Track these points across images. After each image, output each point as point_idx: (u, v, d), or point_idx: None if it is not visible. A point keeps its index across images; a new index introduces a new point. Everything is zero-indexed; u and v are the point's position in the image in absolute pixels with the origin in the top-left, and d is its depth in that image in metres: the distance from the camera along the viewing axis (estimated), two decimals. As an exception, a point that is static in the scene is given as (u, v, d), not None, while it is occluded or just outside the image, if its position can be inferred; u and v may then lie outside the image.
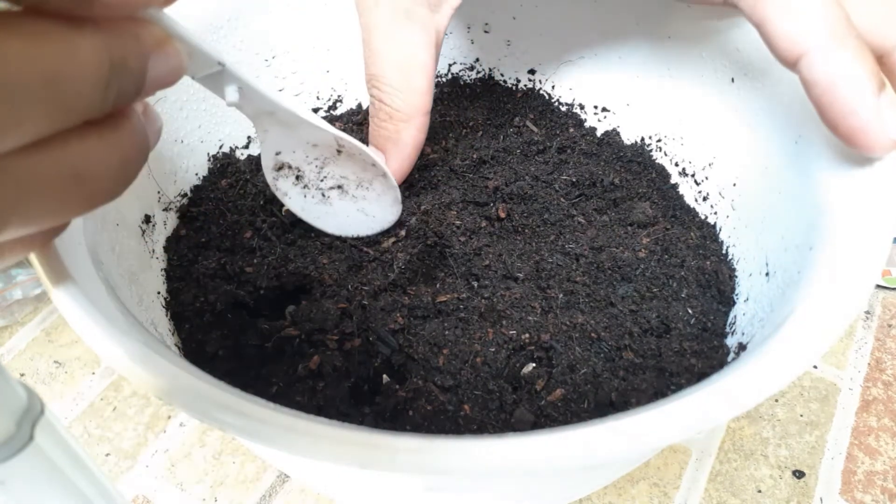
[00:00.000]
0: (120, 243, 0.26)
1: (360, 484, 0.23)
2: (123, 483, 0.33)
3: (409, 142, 0.28)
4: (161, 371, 0.17)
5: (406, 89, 0.27)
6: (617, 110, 0.38)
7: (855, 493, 0.33)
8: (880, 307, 0.41)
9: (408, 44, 0.27)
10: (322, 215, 0.30)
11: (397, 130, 0.28)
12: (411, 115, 0.28)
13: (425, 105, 0.28)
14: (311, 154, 0.27)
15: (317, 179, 0.28)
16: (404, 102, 0.27)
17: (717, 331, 0.28)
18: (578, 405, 0.25)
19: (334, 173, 0.28)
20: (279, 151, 0.27)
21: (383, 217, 0.30)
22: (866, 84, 0.21)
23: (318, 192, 0.29)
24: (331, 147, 0.27)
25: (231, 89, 0.22)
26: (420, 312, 0.27)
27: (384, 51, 0.27)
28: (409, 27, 0.27)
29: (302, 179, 0.28)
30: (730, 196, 0.32)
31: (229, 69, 0.21)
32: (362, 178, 0.29)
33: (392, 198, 0.30)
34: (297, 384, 0.25)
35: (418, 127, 0.28)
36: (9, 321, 0.40)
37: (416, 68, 0.27)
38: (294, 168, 0.28)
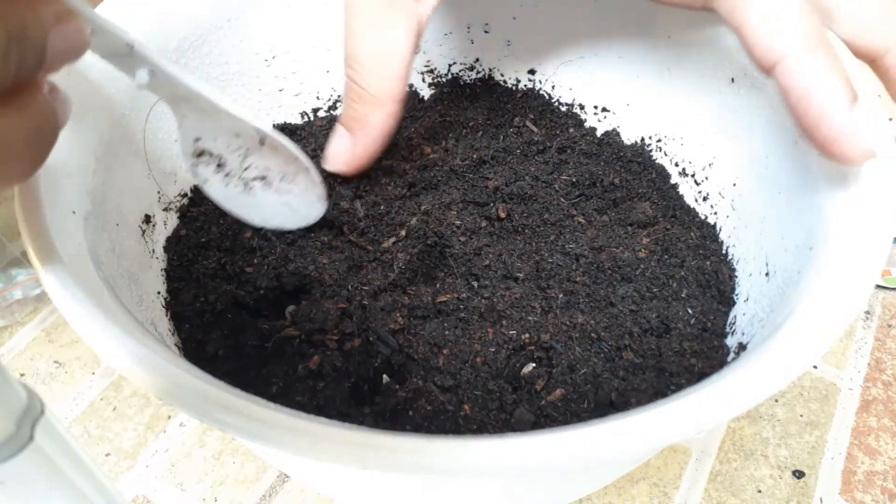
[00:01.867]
0: (120, 243, 0.26)
1: (360, 484, 0.23)
2: (123, 483, 0.33)
3: (377, 126, 0.28)
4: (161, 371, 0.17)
5: (379, 74, 0.27)
6: (617, 110, 0.38)
7: (855, 493, 0.33)
8: (880, 307, 0.41)
9: (387, 29, 0.27)
10: (245, 206, 0.29)
11: (366, 113, 0.28)
12: (382, 99, 0.28)
13: (398, 92, 0.28)
14: (233, 143, 0.27)
15: (239, 169, 0.27)
16: (377, 86, 0.27)
17: (717, 331, 0.28)
18: (578, 405, 0.25)
19: (258, 164, 0.28)
20: (199, 137, 0.26)
21: (307, 213, 0.30)
22: (841, 93, 0.21)
23: (241, 182, 0.28)
24: (253, 138, 0.26)
25: (142, 72, 0.21)
26: (420, 312, 0.27)
27: (362, 33, 0.27)
28: (391, 13, 0.27)
29: (224, 168, 0.27)
30: (730, 196, 0.32)
31: (139, 51, 0.20)
32: (286, 171, 0.28)
33: (316, 195, 0.29)
34: (297, 384, 0.25)
35: (388, 113, 0.28)
36: (9, 321, 0.40)
37: (393, 55, 0.27)
38: (216, 156, 0.27)
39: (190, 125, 0.25)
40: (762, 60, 0.22)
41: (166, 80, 0.22)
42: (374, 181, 0.33)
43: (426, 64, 0.40)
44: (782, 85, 0.22)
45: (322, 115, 0.39)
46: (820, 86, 0.21)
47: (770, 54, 0.22)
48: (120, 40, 0.19)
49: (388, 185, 0.32)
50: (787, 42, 0.21)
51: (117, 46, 0.20)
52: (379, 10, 0.27)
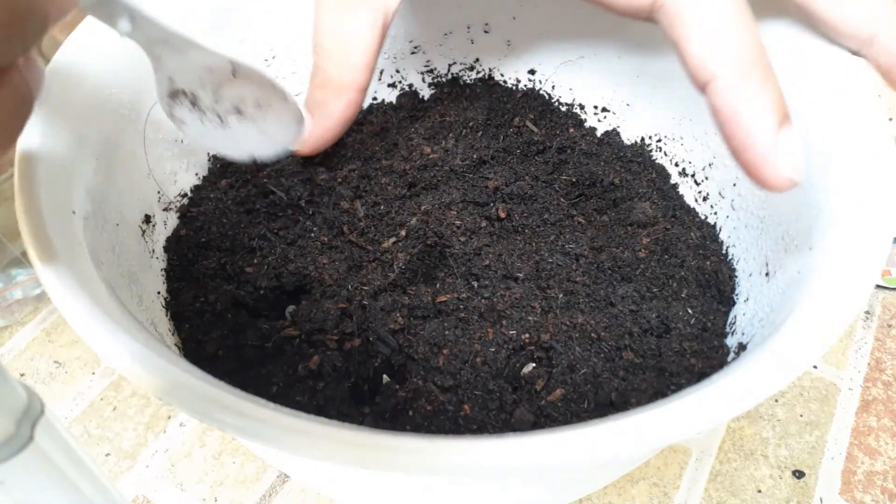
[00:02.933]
0: (120, 243, 0.26)
1: (360, 484, 0.23)
2: (123, 483, 0.33)
3: (337, 113, 0.29)
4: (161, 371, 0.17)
5: (343, 63, 0.28)
6: (617, 110, 0.38)
7: (855, 493, 0.33)
8: (880, 307, 0.41)
9: (353, 20, 0.27)
10: (221, 139, 0.29)
11: (327, 99, 0.28)
12: (344, 87, 0.28)
13: (360, 82, 0.28)
14: (205, 77, 0.27)
15: (212, 103, 0.28)
16: (339, 74, 0.28)
17: (717, 331, 0.28)
18: (578, 405, 0.25)
19: (230, 94, 0.28)
20: (172, 78, 0.26)
21: (285, 136, 0.30)
22: (767, 118, 0.21)
23: (216, 117, 0.28)
24: (226, 71, 0.27)
25: (123, 20, 0.22)
26: (420, 312, 0.27)
27: (328, 22, 0.27)
28: (357, 7, 0.27)
29: (198, 105, 0.27)
30: (730, 196, 0.32)
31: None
32: (260, 97, 0.28)
33: (292, 115, 0.29)
34: (297, 384, 0.25)
35: (349, 102, 0.29)
36: (9, 321, 0.40)
37: (357, 45, 0.28)
38: (189, 94, 0.27)
39: (165, 67, 0.26)
40: (694, 79, 0.22)
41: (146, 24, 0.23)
42: (374, 181, 0.33)
43: (426, 64, 0.40)
44: (711, 105, 0.22)
45: (322, 115, 0.39)
46: (745, 110, 0.21)
47: (701, 74, 0.21)
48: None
49: (388, 185, 0.32)
50: (717, 63, 0.21)
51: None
52: (345, 2, 0.27)
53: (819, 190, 0.25)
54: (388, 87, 0.40)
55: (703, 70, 0.21)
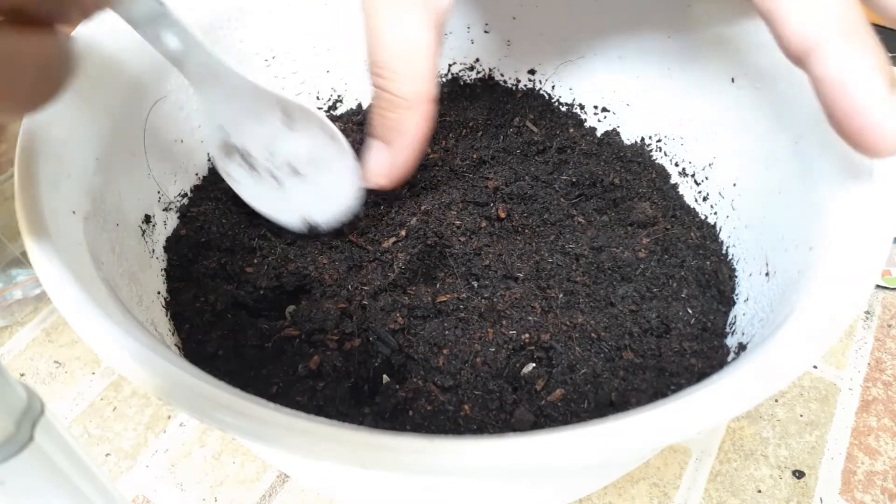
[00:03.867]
0: (120, 243, 0.26)
1: (359, 484, 0.23)
2: (123, 483, 0.33)
3: (414, 131, 0.26)
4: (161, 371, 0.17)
5: (409, 74, 0.26)
6: (617, 110, 0.38)
7: (855, 493, 0.33)
8: (880, 307, 0.41)
9: (409, 26, 0.25)
10: (276, 202, 0.28)
11: (400, 119, 0.26)
12: (415, 101, 0.26)
13: (429, 90, 0.26)
14: (258, 131, 0.26)
15: (268, 162, 0.26)
16: (407, 88, 0.26)
17: (717, 331, 0.28)
18: (578, 405, 0.25)
19: (285, 151, 0.26)
20: (222, 126, 0.25)
21: (344, 193, 0.28)
22: (878, 82, 0.20)
23: (268, 174, 0.27)
24: (278, 121, 0.26)
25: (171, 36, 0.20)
26: (420, 312, 0.27)
27: (385, 35, 0.26)
28: (410, 8, 0.25)
29: (251, 162, 0.26)
30: (730, 196, 0.32)
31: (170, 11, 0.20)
32: (313, 152, 0.27)
33: (348, 167, 0.28)
34: (297, 384, 0.25)
35: (423, 115, 0.26)
36: (9, 321, 0.40)
37: (419, 51, 0.26)
38: (243, 151, 0.26)
39: (215, 110, 0.25)
40: (794, 50, 0.21)
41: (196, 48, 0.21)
42: (374, 181, 0.33)
43: (426, 64, 0.40)
44: (815, 75, 0.21)
45: (322, 115, 0.39)
46: (855, 76, 0.20)
47: (803, 43, 0.20)
48: None
49: (388, 185, 0.32)
50: (821, 29, 0.20)
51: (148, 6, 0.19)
52: (398, 7, 0.25)
53: (819, 190, 0.25)
54: (388, 87, 0.40)
55: (804, 39, 0.20)
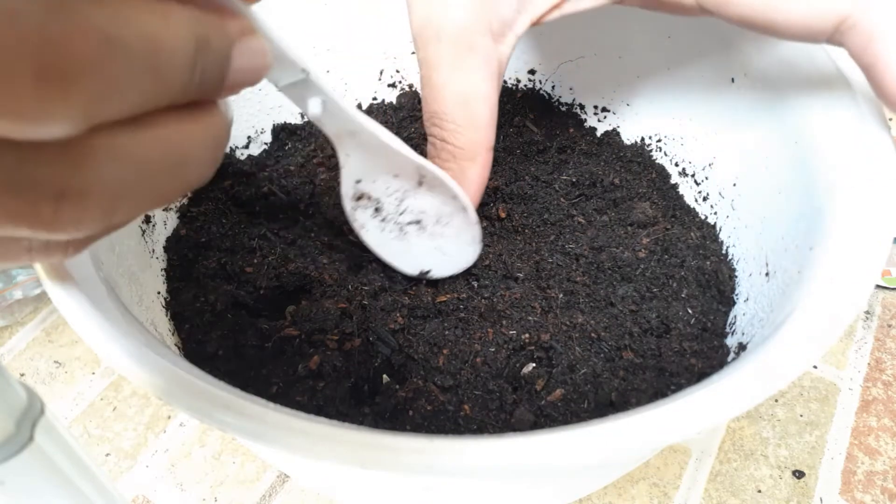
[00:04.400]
0: (120, 243, 0.26)
1: (359, 484, 0.23)
2: (123, 483, 0.33)
3: (475, 180, 0.27)
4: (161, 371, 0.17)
5: (469, 126, 0.25)
6: (617, 110, 0.38)
7: (855, 493, 0.33)
8: (880, 307, 0.41)
9: (471, 78, 0.25)
10: (398, 252, 0.28)
11: (462, 170, 0.26)
12: (476, 151, 0.26)
13: (489, 140, 0.26)
14: (391, 185, 0.26)
15: (396, 213, 0.27)
16: (468, 139, 0.26)
17: (717, 331, 0.28)
18: (578, 405, 0.25)
19: (414, 207, 0.27)
20: (360, 179, 0.26)
21: (461, 257, 0.29)
22: None
23: (396, 227, 0.27)
24: (412, 178, 0.26)
25: (314, 101, 0.21)
26: (420, 312, 0.27)
27: (446, 87, 0.25)
28: (472, 61, 0.25)
29: (381, 212, 0.27)
30: (730, 196, 0.32)
31: (313, 79, 0.20)
32: (442, 212, 0.27)
33: (471, 236, 0.28)
34: (297, 384, 0.25)
35: (483, 164, 0.26)
36: (9, 321, 0.40)
37: (480, 103, 0.25)
38: (374, 199, 0.26)
39: (353, 164, 0.25)
40: None
41: (336, 110, 0.22)
42: (374, 181, 0.33)
43: (426, 64, 0.40)
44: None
45: (322, 115, 0.39)
46: None
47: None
48: (297, 66, 0.19)
49: (388, 185, 0.32)
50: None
51: (293, 72, 0.19)
52: (458, 58, 0.25)
53: (819, 190, 0.25)
54: (388, 87, 0.40)
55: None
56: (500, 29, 0.25)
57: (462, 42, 0.24)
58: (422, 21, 0.25)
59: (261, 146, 0.37)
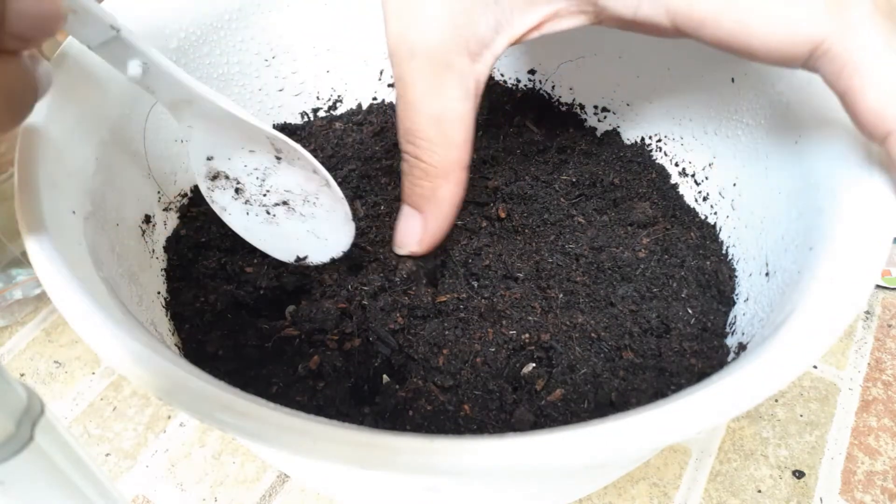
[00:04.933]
0: (120, 243, 0.26)
1: (359, 484, 0.23)
2: (123, 483, 0.33)
3: (448, 198, 0.26)
4: (161, 371, 0.17)
5: (443, 143, 0.25)
6: (617, 110, 0.38)
7: (855, 493, 0.33)
8: (880, 307, 0.41)
9: (446, 97, 0.25)
10: (268, 237, 0.27)
11: (434, 188, 0.26)
12: (448, 170, 0.26)
13: (463, 159, 0.26)
14: (249, 163, 0.25)
15: (259, 194, 0.25)
16: (441, 157, 0.25)
17: (717, 331, 0.28)
18: (578, 405, 0.25)
19: (277, 186, 0.25)
20: (210, 156, 0.24)
21: (336, 239, 0.27)
22: None
23: (262, 210, 0.26)
24: (269, 153, 0.24)
25: (133, 63, 0.20)
26: (420, 312, 0.27)
27: (420, 104, 0.25)
28: (447, 79, 0.25)
29: (242, 193, 0.25)
30: (730, 196, 0.32)
31: (126, 37, 0.19)
32: (307, 190, 0.26)
33: (342, 214, 0.27)
34: (297, 384, 0.25)
35: (457, 182, 0.26)
36: (9, 321, 0.40)
37: (455, 121, 0.25)
38: (232, 179, 0.25)
39: (198, 138, 0.24)
40: (870, 130, 0.21)
41: (161, 75, 0.20)
42: (374, 181, 0.33)
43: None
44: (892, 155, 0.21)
45: (322, 115, 0.39)
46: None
47: (882, 125, 0.21)
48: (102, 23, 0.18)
49: (388, 185, 0.32)
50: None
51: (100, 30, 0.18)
52: (433, 77, 0.25)
53: (819, 190, 0.25)
54: (387, 87, 0.40)
55: (883, 121, 0.20)
56: (478, 48, 0.25)
57: (437, 60, 0.24)
58: (397, 37, 0.24)
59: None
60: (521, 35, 0.25)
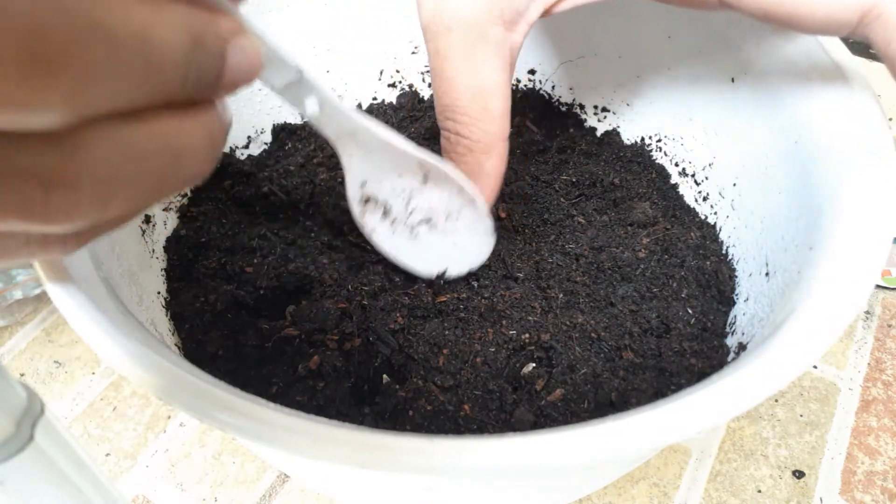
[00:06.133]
0: (120, 243, 0.26)
1: (359, 484, 0.23)
2: (123, 483, 0.33)
3: (492, 172, 0.26)
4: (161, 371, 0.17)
5: (484, 118, 0.25)
6: (617, 110, 0.38)
7: (855, 493, 0.33)
8: (880, 307, 0.41)
9: (484, 69, 0.25)
10: (412, 254, 0.28)
11: (479, 163, 0.26)
12: (492, 143, 0.25)
13: (504, 130, 0.26)
14: (397, 185, 0.26)
15: (405, 214, 0.26)
16: (483, 132, 0.25)
17: (717, 331, 0.28)
18: (578, 405, 0.25)
19: (422, 205, 0.26)
20: (365, 182, 0.25)
21: (477, 250, 0.28)
22: None
23: (407, 229, 0.27)
24: (416, 175, 0.25)
25: (311, 101, 0.21)
26: (420, 312, 0.27)
27: (459, 79, 0.25)
28: (484, 51, 0.24)
29: (389, 215, 0.26)
30: (730, 196, 0.32)
31: (308, 78, 0.20)
32: (451, 207, 0.27)
33: (483, 228, 0.27)
34: (297, 384, 0.25)
35: (499, 155, 0.26)
36: (9, 321, 0.40)
37: (494, 93, 0.25)
38: (381, 202, 0.26)
39: (356, 167, 0.25)
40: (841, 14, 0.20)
41: (333, 111, 0.22)
42: (374, 181, 0.33)
43: (426, 64, 0.40)
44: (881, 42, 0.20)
45: (322, 115, 0.39)
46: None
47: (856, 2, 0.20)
48: (290, 65, 0.19)
49: (388, 185, 0.32)
50: None
51: (287, 72, 0.19)
52: (470, 49, 0.24)
53: (819, 190, 0.25)
54: (388, 87, 0.40)
55: None
56: (512, 17, 0.24)
57: (473, 32, 0.24)
58: (431, 12, 0.24)
59: (261, 146, 0.37)
60: (555, 1, 0.25)
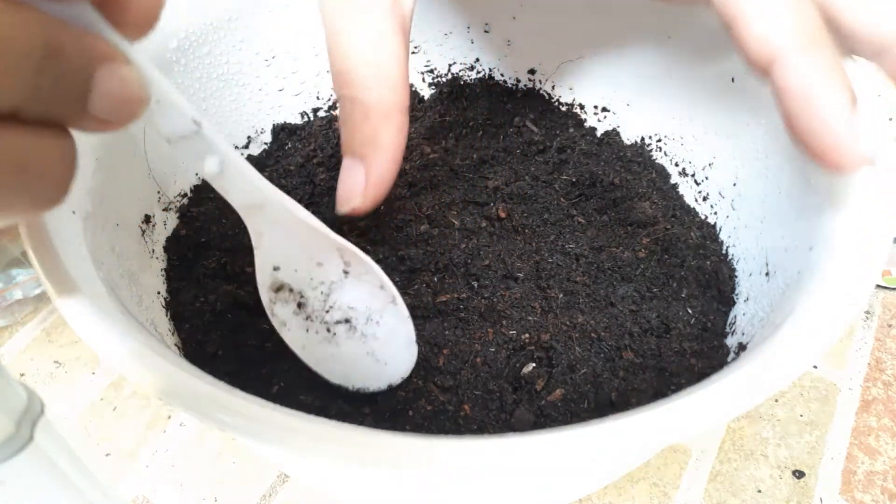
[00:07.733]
0: (120, 243, 0.26)
1: (359, 484, 0.23)
2: (123, 483, 0.33)
3: (390, 144, 0.25)
4: (161, 371, 0.17)
5: (379, 80, 0.24)
6: (617, 110, 0.38)
7: (855, 493, 0.33)
8: (880, 307, 0.41)
9: (375, 32, 0.24)
10: (326, 358, 0.25)
11: (375, 131, 0.24)
12: (388, 111, 0.24)
13: (402, 100, 0.24)
14: (315, 276, 0.23)
15: (322, 310, 0.24)
16: (380, 98, 0.24)
17: (717, 331, 0.28)
18: (578, 405, 0.25)
19: (342, 303, 0.24)
20: (278, 266, 0.23)
21: (396, 364, 0.26)
22: (843, 96, 0.19)
23: (324, 328, 0.24)
24: (337, 267, 0.23)
25: (211, 160, 0.19)
26: (420, 312, 0.27)
27: (349, 44, 0.24)
28: (373, 13, 0.24)
29: (304, 308, 0.24)
30: (730, 196, 0.32)
31: (207, 134, 0.18)
32: (371, 307, 0.25)
33: (405, 335, 0.25)
34: (297, 384, 0.25)
35: (398, 126, 0.24)
36: (9, 321, 0.40)
37: (387, 58, 0.24)
38: (296, 292, 0.24)
39: (267, 246, 0.22)
40: (756, 58, 0.20)
41: (237, 176, 0.20)
42: (374, 181, 0.33)
43: (426, 64, 0.40)
44: (779, 86, 0.20)
45: (322, 115, 0.39)
46: (819, 88, 0.19)
47: (766, 51, 0.20)
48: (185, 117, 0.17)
49: (388, 185, 0.32)
50: (784, 38, 0.20)
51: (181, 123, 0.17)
52: (359, 14, 0.24)
53: (819, 190, 0.25)
54: (388, 87, 0.40)
55: (767, 47, 0.20)
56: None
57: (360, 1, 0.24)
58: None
59: (261, 146, 0.37)
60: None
